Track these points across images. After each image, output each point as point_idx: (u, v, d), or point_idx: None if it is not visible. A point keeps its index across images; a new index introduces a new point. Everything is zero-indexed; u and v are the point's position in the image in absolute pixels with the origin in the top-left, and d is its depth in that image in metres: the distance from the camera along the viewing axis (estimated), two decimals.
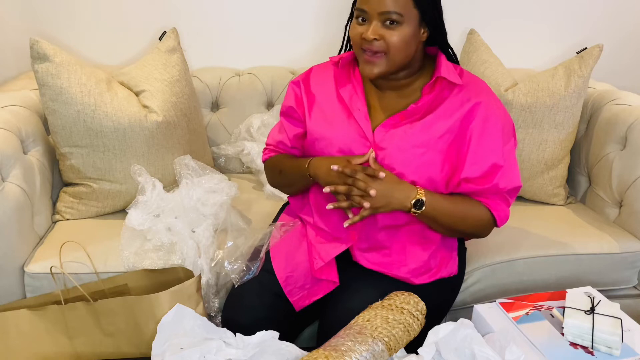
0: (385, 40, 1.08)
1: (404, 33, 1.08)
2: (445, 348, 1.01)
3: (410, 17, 1.08)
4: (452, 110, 1.14)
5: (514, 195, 1.20)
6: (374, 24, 1.08)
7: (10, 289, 1.33)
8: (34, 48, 1.39)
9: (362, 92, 1.21)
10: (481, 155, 1.13)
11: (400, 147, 1.15)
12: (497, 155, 1.13)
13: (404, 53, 1.10)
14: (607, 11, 2.01)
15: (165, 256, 1.32)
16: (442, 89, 1.16)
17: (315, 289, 1.23)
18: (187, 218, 1.38)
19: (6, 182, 1.31)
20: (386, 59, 1.10)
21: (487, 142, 1.13)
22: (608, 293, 1.49)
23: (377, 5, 1.06)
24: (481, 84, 1.19)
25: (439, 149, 1.14)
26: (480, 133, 1.13)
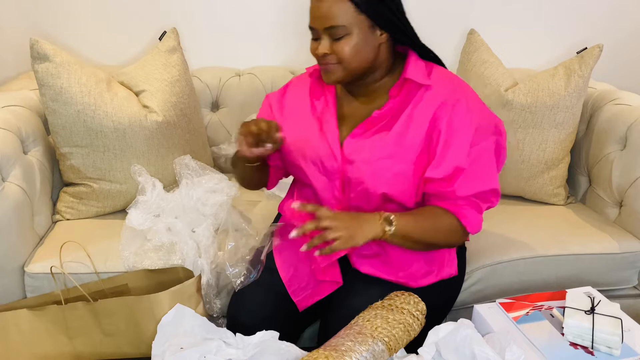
0: (336, 54, 1.07)
1: (353, 42, 1.06)
2: (445, 348, 1.01)
3: (358, 24, 1.06)
4: (421, 114, 1.11)
5: (488, 198, 1.15)
6: (323, 40, 1.08)
7: (10, 289, 1.33)
8: (34, 48, 1.39)
9: (334, 103, 1.19)
10: (446, 156, 1.09)
11: (368, 159, 1.12)
12: (461, 158, 1.09)
13: (358, 61, 1.09)
14: (607, 11, 2.01)
15: (165, 256, 1.32)
16: (410, 91, 1.13)
17: (319, 289, 1.23)
18: (187, 218, 1.38)
19: (6, 182, 1.31)
20: (342, 68, 1.09)
21: (453, 142, 1.09)
22: (608, 293, 1.49)
23: (320, 22, 1.07)
24: (454, 81, 1.16)
25: (410, 158, 1.11)
26: (448, 133, 1.09)
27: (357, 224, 1.05)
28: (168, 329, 1.06)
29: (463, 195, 1.11)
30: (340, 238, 1.01)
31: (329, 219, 1.02)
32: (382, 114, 1.13)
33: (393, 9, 1.09)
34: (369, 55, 1.10)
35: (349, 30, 1.05)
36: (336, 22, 1.04)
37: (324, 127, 1.17)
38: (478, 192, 1.12)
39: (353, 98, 1.19)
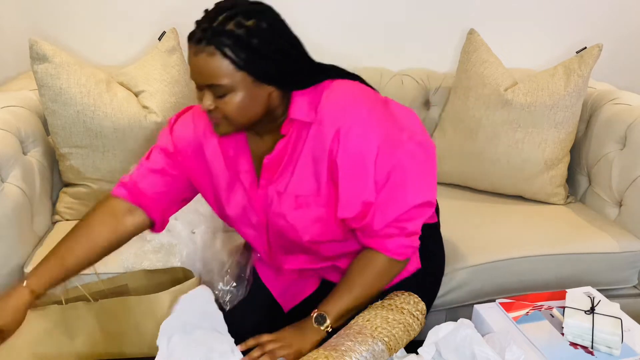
0: (220, 110, 0.96)
1: (237, 100, 0.95)
2: (445, 348, 1.01)
3: (240, 81, 0.93)
4: (316, 153, 1.01)
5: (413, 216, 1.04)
6: (207, 95, 0.96)
7: None
8: (34, 48, 1.39)
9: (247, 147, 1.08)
10: (350, 194, 1.00)
11: (282, 213, 1.06)
12: (366, 192, 1.00)
13: (246, 116, 0.97)
14: (607, 11, 2.01)
15: (164, 257, 1.32)
16: (299, 129, 1.01)
17: (302, 288, 1.22)
18: (187, 219, 1.38)
19: (6, 182, 1.31)
20: (229, 123, 0.98)
21: (353, 178, 1.00)
22: (608, 293, 1.49)
23: (200, 79, 0.95)
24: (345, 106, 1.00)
25: (320, 202, 1.04)
26: (346, 168, 0.99)
27: (299, 336, 1.04)
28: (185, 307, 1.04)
29: (381, 226, 1.03)
30: (288, 355, 1.02)
31: (272, 343, 1.02)
32: (273, 159, 1.03)
33: (277, 59, 0.95)
34: (258, 109, 0.98)
35: (231, 89, 0.94)
36: (216, 80, 0.92)
37: (242, 177, 1.08)
38: (396, 217, 1.02)
39: (259, 137, 1.08)
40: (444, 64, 1.98)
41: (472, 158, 1.73)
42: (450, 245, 1.44)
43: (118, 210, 1.11)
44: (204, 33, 0.92)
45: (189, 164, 1.12)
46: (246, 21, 0.92)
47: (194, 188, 1.17)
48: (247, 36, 0.91)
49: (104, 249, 1.09)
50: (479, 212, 1.65)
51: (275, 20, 0.97)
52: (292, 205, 1.05)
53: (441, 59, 1.98)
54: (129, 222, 1.12)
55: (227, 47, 0.90)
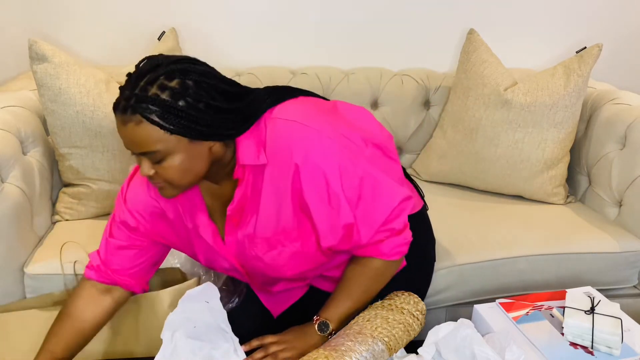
0: (161, 176, 0.92)
1: (176, 163, 0.90)
2: (445, 348, 1.01)
3: (175, 145, 0.89)
4: (276, 192, 0.97)
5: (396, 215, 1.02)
6: (143, 162, 0.91)
7: (10, 290, 1.33)
8: (33, 48, 1.39)
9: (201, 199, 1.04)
10: (328, 223, 0.98)
11: (256, 258, 1.04)
12: (343, 215, 0.97)
13: (188, 176, 0.93)
14: (607, 11, 2.01)
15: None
16: (254, 172, 0.97)
17: (290, 294, 1.21)
18: None
19: (5, 183, 1.31)
20: (172, 187, 0.94)
21: (325, 207, 0.97)
22: (608, 292, 1.49)
23: (133, 147, 0.90)
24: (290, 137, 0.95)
25: (293, 237, 1.01)
26: (315, 199, 0.96)
27: (302, 339, 1.04)
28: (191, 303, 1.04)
29: (369, 237, 1.00)
30: (292, 357, 1.01)
31: (276, 345, 1.02)
32: (235, 208, 1.00)
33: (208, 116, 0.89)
34: (200, 166, 0.93)
35: (167, 153, 0.89)
36: (149, 148, 0.88)
37: (202, 232, 1.04)
38: (382, 222, 1.00)
39: (215, 184, 1.03)
40: (444, 64, 1.98)
41: (472, 158, 1.73)
42: (450, 244, 1.44)
43: (95, 293, 1.09)
44: (128, 102, 0.86)
45: (153, 230, 1.08)
46: (170, 82, 0.87)
47: (166, 247, 1.15)
48: (172, 99, 0.86)
49: (92, 330, 1.09)
50: (479, 212, 1.65)
51: (202, 74, 0.90)
52: (265, 247, 1.02)
53: (441, 59, 1.98)
54: (108, 302, 1.10)
55: (153, 114, 0.85)
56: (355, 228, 0.99)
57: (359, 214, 0.99)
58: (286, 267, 1.05)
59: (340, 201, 0.96)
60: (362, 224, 0.99)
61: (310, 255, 1.04)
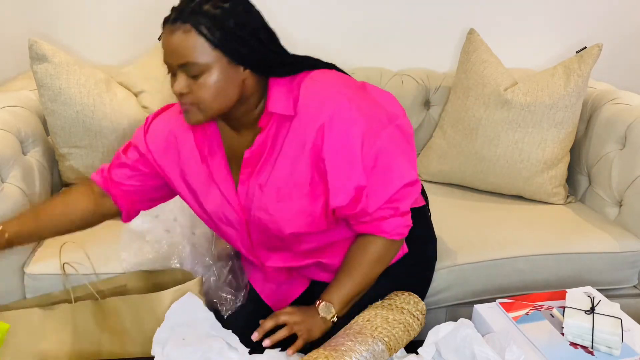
0: (194, 93, 0.95)
1: (212, 81, 0.93)
2: (445, 348, 1.01)
3: (216, 61, 0.93)
4: (298, 145, 1.00)
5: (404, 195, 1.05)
6: (180, 77, 0.95)
7: (11, 290, 1.33)
8: (33, 48, 1.39)
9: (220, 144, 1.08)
10: (341, 181, 1.00)
11: (264, 206, 1.05)
12: (357, 177, 1.00)
13: (220, 101, 0.96)
14: (607, 11, 2.01)
15: (163, 258, 1.32)
16: (279, 122, 1.01)
17: (291, 290, 1.22)
18: (187, 220, 1.38)
19: (5, 183, 1.31)
20: (201, 110, 0.97)
21: (343, 165, 0.99)
22: (608, 292, 1.49)
23: (172, 58, 0.94)
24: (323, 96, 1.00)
25: (303, 193, 1.03)
26: (334, 158, 0.99)
27: (310, 318, 1.06)
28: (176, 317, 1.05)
29: (374, 209, 1.03)
30: (300, 332, 1.03)
31: (287, 314, 1.05)
32: (253, 153, 1.03)
33: (252, 43, 0.95)
34: (232, 94, 0.96)
35: (206, 68, 0.93)
36: (191, 58, 0.92)
37: (215, 177, 1.07)
38: (388, 198, 1.03)
39: (235, 132, 1.07)
40: (444, 64, 1.98)
41: (472, 158, 1.73)
42: (450, 244, 1.44)
43: (94, 191, 1.17)
44: (180, 13, 0.93)
45: (161, 164, 1.12)
46: (223, 3, 0.93)
47: (168, 190, 1.17)
48: (223, 16, 0.92)
49: (76, 218, 1.15)
50: (479, 212, 1.65)
51: (251, 7, 0.98)
52: (274, 198, 1.04)
53: (441, 59, 1.98)
54: (99, 204, 1.17)
55: (202, 25, 0.91)
56: (365, 193, 1.01)
57: (371, 182, 1.01)
58: (289, 223, 1.05)
59: (357, 163, 0.99)
60: (372, 193, 1.02)
61: (315, 217, 1.05)
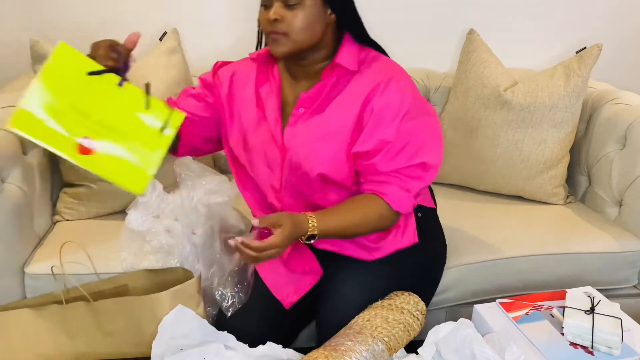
0: (287, 21, 1.06)
1: (305, 14, 1.07)
2: (445, 348, 1.01)
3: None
4: (352, 97, 1.13)
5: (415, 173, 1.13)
6: (275, 6, 1.07)
7: (11, 290, 1.33)
8: (34, 48, 1.39)
9: (278, 90, 1.19)
10: (374, 131, 1.11)
11: (304, 142, 1.14)
12: (388, 132, 1.10)
13: (306, 35, 1.08)
14: (607, 11, 2.01)
15: (163, 258, 1.31)
16: (341, 76, 1.14)
17: (301, 283, 1.22)
18: (187, 220, 1.38)
19: (6, 183, 1.31)
20: (289, 40, 1.08)
21: (383, 119, 1.10)
22: (608, 292, 1.49)
23: None
24: (386, 65, 1.16)
25: (343, 139, 1.12)
26: (378, 111, 1.11)
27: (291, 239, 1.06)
28: (169, 329, 1.07)
29: (384, 170, 1.11)
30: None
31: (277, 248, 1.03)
32: (309, 96, 1.14)
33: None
34: (317, 32, 1.09)
35: (301, 1, 1.06)
36: None
37: (267, 115, 1.17)
38: (401, 168, 1.11)
39: (295, 82, 1.19)
40: (444, 64, 1.98)
41: (472, 158, 1.73)
42: (451, 245, 1.44)
43: None
44: None
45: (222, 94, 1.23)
46: None
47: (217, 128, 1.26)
48: None
49: None
50: (479, 212, 1.65)
51: None
52: (315, 138, 1.13)
53: (441, 59, 1.98)
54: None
55: None
56: (386, 149, 1.10)
57: (395, 144, 1.10)
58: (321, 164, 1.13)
59: (393, 123, 1.10)
60: (391, 153, 1.10)
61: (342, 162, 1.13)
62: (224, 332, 1.08)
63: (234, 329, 1.14)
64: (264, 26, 1.11)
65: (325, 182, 1.15)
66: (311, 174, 1.13)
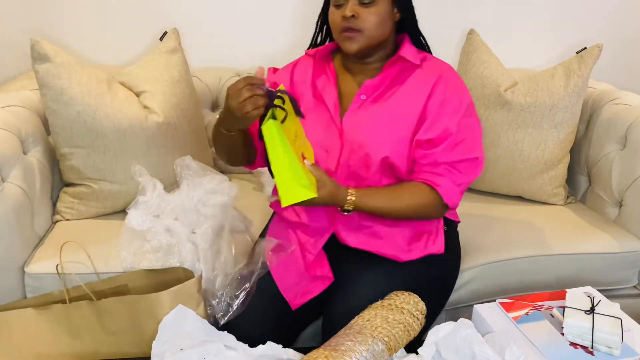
0: (362, 18, 1.13)
1: (378, 12, 1.14)
2: (445, 348, 1.01)
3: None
4: (415, 88, 1.18)
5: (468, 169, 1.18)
6: (350, 4, 1.14)
7: (11, 289, 1.33)
8: (35, 48, 1.39)
9: (335, 82, 1.25)
10: (438, 119, 1.16)
11: (369, 127, 1.18)
12: (451, 123, 1.16)
13: (379, 30, 1.16)
14: (607, 11, 2.01)
15: (163, 258, 1.31)
16: (403, 69, 1.21)
17: (311, 286, 1.23)
18: (187, 219, 1.38)
19: (6, 182, 1.31)
20: (363, 36, 1.15)
21: (445, 110, 1.16)
22: (608, 293, 1.49)
23: None
24: (444, 64, 1.24)
25: (408, 126, 1.17)
26: (442, 103, 1.17)
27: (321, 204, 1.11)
28: (169, 329, 1.07)
29: (443, 160, 1.16)
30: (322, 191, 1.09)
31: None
32: (374, 84, 1.20)
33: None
34: (386, 29, 1.18)
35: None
36: None
37: (326, 101, 1.22)
38: (458, 160, 1.17)
39: (352, 77, 1.25)
40: None
41: None
42: None
43: None
44: None
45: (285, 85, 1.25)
46: None
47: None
48: None
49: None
50: (479, 213, 1.65)
51: None
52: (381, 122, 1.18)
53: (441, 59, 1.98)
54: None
55: None
56: (448, 140, 1.15)
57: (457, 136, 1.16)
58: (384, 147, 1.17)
59: (457, 114, 1.16)
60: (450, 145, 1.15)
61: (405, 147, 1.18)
62: (224, 332, 1.08)
63: (235, 329, 1.13)
64: (337, 24, 1.17)
65: (385, 166, 1.19)
66: (374, 157, 1.17)
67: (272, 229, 1.34)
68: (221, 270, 1.28)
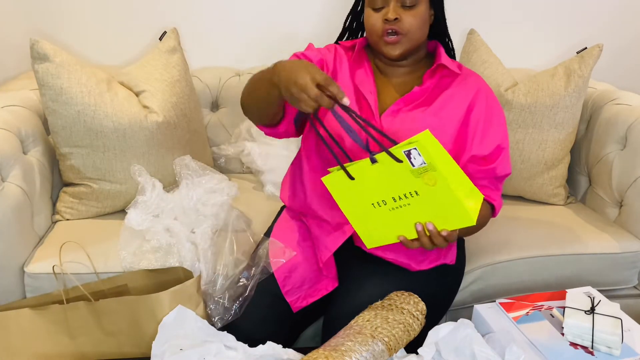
0: (405, 21, 1.13)
1: (420, 14, 1.14)
2: (445, 348, 1.01)
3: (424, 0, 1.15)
4: (456, 97, 1.18)
5: (503, 182, 1.23)
6: (393, 7, 1.13)
7: (10, 289, 1.33)
8: (34, 48, 1.39)
9: (373, 78, 1.23)
10: (488, 136, 1.16)
11: (413, 129, 1.12)
12: (502, 138, 1.17)
13: (420, 33, 1.16)
14: (607, 11, 2.01)
15: (163, 257, 1.31)
16: (442, 77, 1.20)
17: (314, 290, 1.23)
18: (187, 219, 1.38)
19: (6, 182, 1.31)
20: (405, 39, 1.14)
21: (493, 124, 1.17)
22: (608, 293, 1.49)
23: None
24: (478, 76, 1.24)
25: (450, 133, 1.17)
26: (486, 116, 1.17)
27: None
28: (168, 329, 1.07)
29: (501, 174, 1.18)
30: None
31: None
32: (422, 90, 1.18)
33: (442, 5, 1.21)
34: (425, 30, 1.18)
35: (417, 1, 1.13)
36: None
37: (366, 96, 1.20)
38: (506, 174, 1.19)
39: (386, 80, 1.24)
40: None
41: None
42: None
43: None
44: None
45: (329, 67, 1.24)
46: None
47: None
48: None
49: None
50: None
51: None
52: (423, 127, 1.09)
53: None
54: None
55: None
56: (501, 155, 1.16)
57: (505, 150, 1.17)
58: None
59: (502, 129, 1.18)
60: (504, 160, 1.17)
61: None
62: (224, 332, 1.08)
63: (235, 329, 1.13)
64: (377, 27, 1.15)
65: None
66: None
67: (278, 229, 1.33)
68: (222, 272, 1.28)
